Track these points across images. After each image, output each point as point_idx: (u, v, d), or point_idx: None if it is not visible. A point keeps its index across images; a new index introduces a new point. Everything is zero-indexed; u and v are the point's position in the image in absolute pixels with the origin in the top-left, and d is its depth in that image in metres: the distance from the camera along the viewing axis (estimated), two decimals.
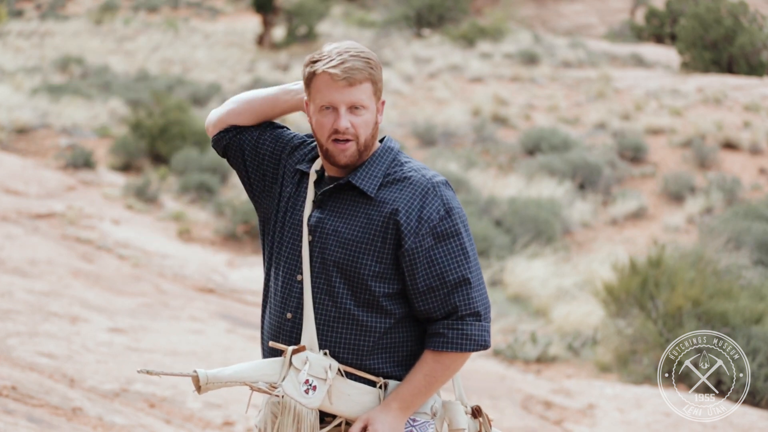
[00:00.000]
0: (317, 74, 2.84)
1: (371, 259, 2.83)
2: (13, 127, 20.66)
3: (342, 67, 2.81)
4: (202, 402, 6.85)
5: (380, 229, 2.84)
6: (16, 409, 5.51)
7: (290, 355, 2.79)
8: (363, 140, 2.87)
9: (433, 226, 2.83)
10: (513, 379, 9.13)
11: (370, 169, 2.90)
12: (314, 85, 2.87)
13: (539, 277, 12.94)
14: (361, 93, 2.84)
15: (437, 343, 2.82)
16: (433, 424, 2.88)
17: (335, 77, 2.81)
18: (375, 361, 2.85)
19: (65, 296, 9.27)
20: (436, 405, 2.89)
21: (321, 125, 2.87)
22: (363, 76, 2.83)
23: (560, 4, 45.47)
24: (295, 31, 36.73)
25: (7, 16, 40.30)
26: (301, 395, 2.78)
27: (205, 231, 15.15)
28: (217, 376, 2.78)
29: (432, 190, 2.86)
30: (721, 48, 29.31)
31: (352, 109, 2.84)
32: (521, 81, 28.90)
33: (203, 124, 17.29)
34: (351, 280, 2.84)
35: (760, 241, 14.13)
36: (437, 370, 2.82)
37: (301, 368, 2.78)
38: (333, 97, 2.83)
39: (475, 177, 19.03)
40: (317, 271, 2.86)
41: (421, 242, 2.82)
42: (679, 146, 21.71)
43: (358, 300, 2.84)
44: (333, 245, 2.85)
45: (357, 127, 2.85)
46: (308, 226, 2.89)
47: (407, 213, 2.83)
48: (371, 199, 2.87)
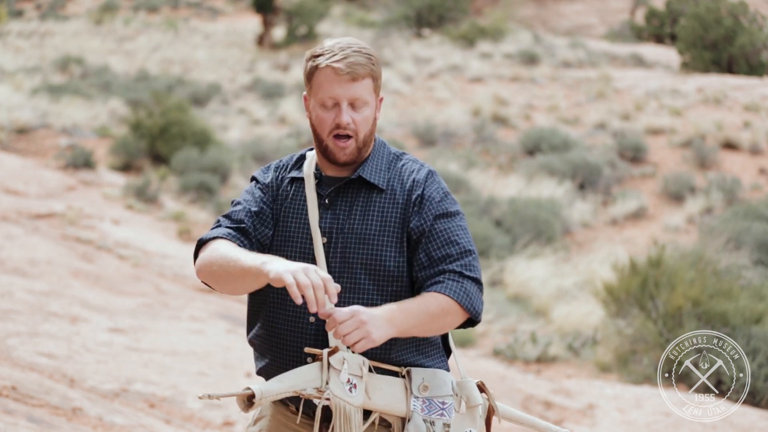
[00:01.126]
0: (320, 68, 2.84)
1: (394, 251, 2.86)
2: (13, 127, 20.67)
3: (345, 62, 2.81)
4: (202, 402, 6.85)
5: (398, 220, 2.88)
6: (16, 409, 5.51)
7: (327, 357, 2.78)
8: (362, 137, 2.88)
9: (435, 204, 2.89)
10: (513, 379, 9.13)
11: (375, 162, 2.93)
12: (316, 80, 2.86)
13: (539, 277, 12.95)
14: (363, 89, 2.85)
15: (438, 286, 2.83)
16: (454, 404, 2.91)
17: (338, 71, 2.81)
18: (400, 352, 2.89)
19: (65, 296, 9.27)
20: (454, 385, 2.93)
21: (322, 120, 2.88)
22: (365, 72, 2.84)
23: (560, 4, 45.47)
24: (295, 31, 36.73)
25: (7, 16, 40.30)
26: (347, 395, 2.78)
27: (205, 231, 15.13)
28: (270, 390, 2.75)
29: (430, 176, 2.93)
30: (721, 48, 29.31)
31: (354, 104, 2.86)
32: (521, 81, 28.90)
33: (203, 124, 17.21)
34: (377, 275, 2.86)
35: (760, 241, 14.14)
36: (431, 304, 2.80)
37: (341, 368, 2.79)
38: (335, 91, 2.83)
39: (475, 177, 19.04)
40: (339, 271, 2.86)
41: (425, 218, 2.88)
42: (679, 146, 21.71)
43: (385, 293, 2.86)
44: (354, 244, 2.87)
45: (357, 123, 2.86)
46: (320, 228, 2.88)
47: (416, 197, 2.89)
48: (382, 192, 2.90)
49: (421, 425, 2.86)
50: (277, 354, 2.92)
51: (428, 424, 2.86)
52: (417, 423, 2.86)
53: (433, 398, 2.89)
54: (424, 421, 2.86)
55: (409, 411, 2.87)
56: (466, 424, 2.90)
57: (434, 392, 2.89)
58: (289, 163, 3.03)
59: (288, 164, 3.03)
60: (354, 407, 2.79)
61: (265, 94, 27.48)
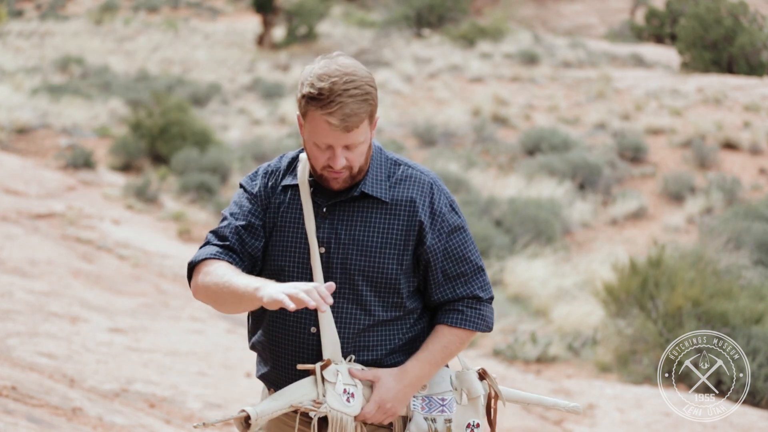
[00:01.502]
0: (315, 116, 2.76)
1: (395, 262, 2.86)
2: (13, 127, 20.67)
3: (340, 114, 2.72)
4: (202, 402, 6.85)
5: (402, 231, 2.87)
6: (16, 409, 5.50)
7: (320, 372, 2.79)
8: (357, 168, 2.85)
9: (444, 219, 2.89)
10: (513, 379, 9.13)
11: (375, 174, 2.90)
12: (310, 121, 2.78)
13: (539, 277, 12.95)
14: (358, 135, 2.78)
15: (457, 319, 2.91)
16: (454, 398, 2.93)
17: (333, 125, 2.74)
18: (395, 357, 2.90)
19: (65, 296, 9.27)
20: (453, 379, 2.95)
21: (315, 156, 2.83)
22: (360, 119, 2.76)
23: (560, 4, 45.47)
24: (295, 31, 36.73)
25: (7, 16, 40.30)
26: (345, 405, 2.80)
27: (205, 231, 15.14)
28: (265, 410, 2.76)
29: (435, 185, 2.92)
30: (721, 48, 29.31)
31: (348, 147, 2.80)
32: (521, 81, 28.90)
33: (203, 124, 17.21)
34: (378, 285, 2.86)
35: (760, 241, 14.13)
36: (454, 343, 2.90)
37: (335, 380, 2.80)
38: (329, 140, 2.78)
39: (475, 177, 19.03)
40: (339, 282, 2.85)
41: (439, 235, 2.88)
42: (679, 146, 21.71)
43: (386, 304, 2.87)
44: (354, 254, 2.85)
45: (352, 160, 2.82)
46: (318, 238, 2.86)
47: (423, 210, 2.88)
48: (385, 204, 2.88)
49: (422, 423, 2.87)
50: (277, 363, 2.92)
51: (429, 422, 2.88)
52: (418, 422, 2.87)
53: (432, 396, 2.91)
54: (425, 419, 2.88)
55: (410, 411, 2.88)
56: (469, 415, 2.92)
57: (433, 389, 2.91)
58: (280, 167, 2.96)
59: (279, 169, 2.96)
60: (351, 417, 2.80)
61: (265, 94, 27.48)
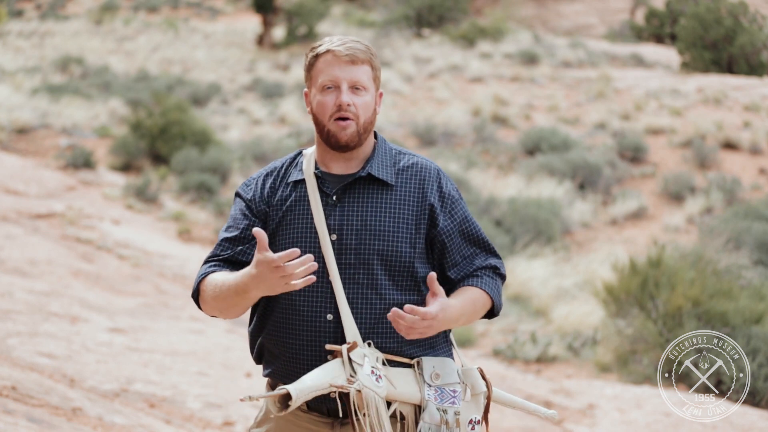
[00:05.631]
0: (320, 55, 2.94)
1: (408, 245, 2.92)
2: (13, 127, 20.67)
3: (345, 46, 2.93)
4: (202, 402, 6.85)
5: (413, 215, 2.94)
6: (16, 409, 5.50)
7: (347, 354, 2.84)
8: (363, 122, 2.94)
9: (454, 202, 2.99)
10: (513, 379, 9.13)
11: (380, 159, 2.98)
12: (316, 68, 2.95)
13: (539, 277, 12.95)
14: (362, 73, 2.94)
15: (479, 281, 2.98)
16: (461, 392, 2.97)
17: (338, 53, 2.92)
18: (412, 346, 2.94)
19: (65, 296, 9.27)
20: (460, 373, 2.98)
21: (322, 104, 2.94)
22: (364, 57, 2.94)
23: (560, 4, 45.47)
24: (295, 31, 36.73)
25: (7, 16, 40.31)
26: (375, 385, 2.84)
27: (205, 231, 15.14)
28: (304, 388, 2.79)
29: (441, 172, 3.02)
30: (721, 48, 29.31)
31: (353, 88, 2.93)
32: (521, 81, 28.91)
33: (203, 124, 17.22)
34: (393, 268, 2.92)
35: (760, 241, 14.13)
36: (478, 301, 2.97)
37: (362, 362, 2.84)
38: (335, 74, 2.92)
39: (475, 177, 19.04)
40: (353, 267, 2.91)
41: (451, 217, 2.97)
42: (679, 146, 21.71)
43: (401, 287, 2.93)
44: (368, 238, 2.91)
45: (358, 107, 2.93)
46: (328, 226, 2.92)
47: (432, 194, 2.97)
48: (391, 188, 2.95)
49: (435, 414, 2.91)
50: (293, 355, 2.94)
51: (441, 413, 2.92)
52: (431, 411, 2.91)
53: (444, 386, 2.94)
54: (438, 410, 2.92)
55: (424, 399, 2.92)
56: (472, 411, 2.97)
57: (445, 380, 2.95)
58: (279, 167, 3.05)
59: (282, 168, 3.04)
60: (381, 398, 2.84)
61: (265, 94, 27.48)
